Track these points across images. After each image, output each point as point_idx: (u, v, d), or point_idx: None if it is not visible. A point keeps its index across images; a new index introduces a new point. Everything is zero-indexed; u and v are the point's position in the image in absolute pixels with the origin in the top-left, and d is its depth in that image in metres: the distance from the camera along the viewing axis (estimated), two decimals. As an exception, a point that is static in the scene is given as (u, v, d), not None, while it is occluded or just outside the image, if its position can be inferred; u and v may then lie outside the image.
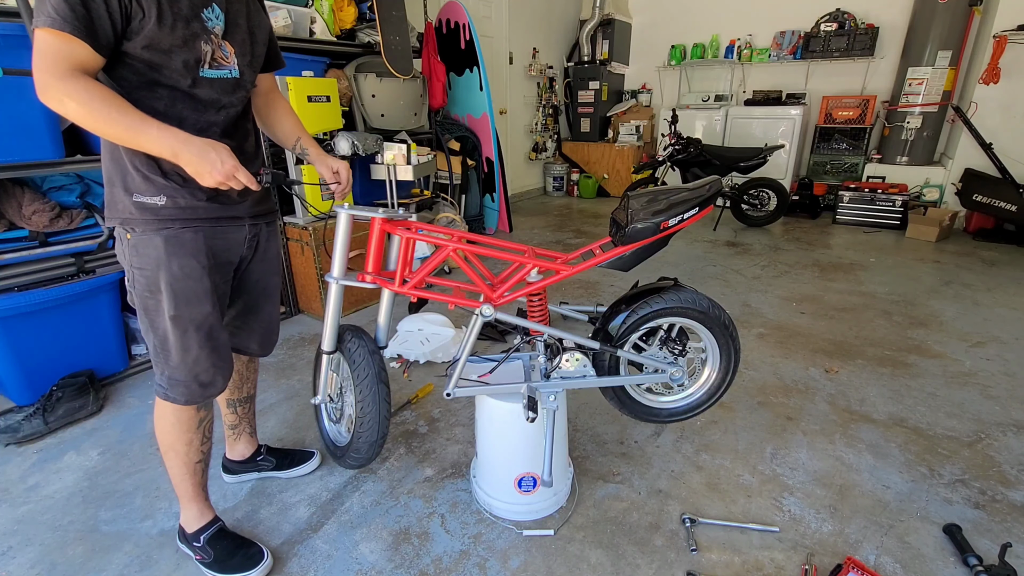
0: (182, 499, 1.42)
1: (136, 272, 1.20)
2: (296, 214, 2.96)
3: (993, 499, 1.62)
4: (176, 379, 1.27)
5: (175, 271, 1.19)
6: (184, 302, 1.21)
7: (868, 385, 2.26)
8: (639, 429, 1.98)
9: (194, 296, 1.22)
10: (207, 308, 1.25)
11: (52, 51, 0.97)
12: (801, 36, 5.52)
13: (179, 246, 1.19)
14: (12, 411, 2.02)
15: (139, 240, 1.18)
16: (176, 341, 1.23)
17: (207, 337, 1.26)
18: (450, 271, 3.76)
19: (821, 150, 5.53)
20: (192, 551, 1.42)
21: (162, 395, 1.29)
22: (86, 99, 0.98)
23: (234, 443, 1.72)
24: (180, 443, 1.35)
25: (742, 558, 1.42)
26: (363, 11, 3.28)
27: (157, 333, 1.24)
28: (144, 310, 1.23)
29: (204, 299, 1.24)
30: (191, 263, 1.21)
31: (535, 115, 6.46)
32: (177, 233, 1.19)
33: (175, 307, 1.20)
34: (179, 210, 1.19)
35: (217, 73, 1.17)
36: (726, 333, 1.56)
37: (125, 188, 1.17)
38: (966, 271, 3.69)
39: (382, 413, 1.51)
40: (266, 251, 1.43)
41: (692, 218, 1.37)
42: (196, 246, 1.21)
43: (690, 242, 4.54)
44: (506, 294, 1.45)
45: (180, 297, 1.21)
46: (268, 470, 1.75)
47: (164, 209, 1.18)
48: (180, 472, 1.38)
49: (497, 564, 1.42)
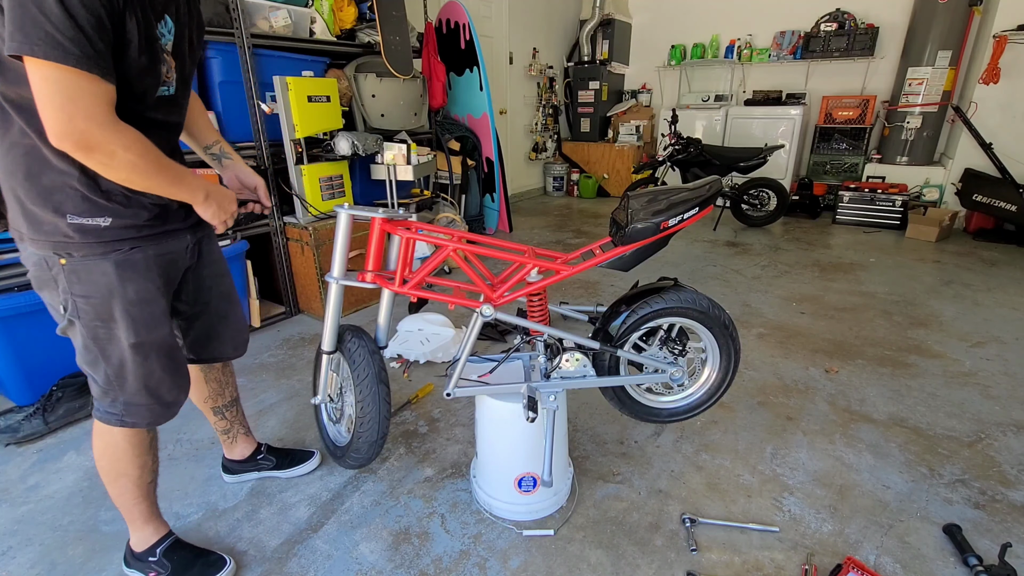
0: (134, 522, 1.34)
1: (79, 301, 1.08)
2: (296, 214, 2.96)
3: (993, 499, 1.62)
4: (135, 403, 1.19)
5: (131, 296, 1.11)
6: (145, 327, 1.14)
7: (868, 385, 2.26)
8: (639, 429, 1.98)
9: (154, 320, 1.15)
10: (167, 329, 1.19)
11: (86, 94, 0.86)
12: (801, 36, 5.52)
13: (131, 269, 1.11)
14: (12, 411, 2.02)
15: (80, 266, 1.06)
16: (136, 368, 1.16)
17: (169, 358, 1.21)
18: (450, 271, 3.76)
19: (821, 150, 5.53)
20: (143, 571, 1.35)
21: (115, 422, 1.20)
22: (141, 150, 0.91)
23: (232, 445, 1.70)
24: (134, 468, 1.27)
25: (742, 558, 1.42)
26: (363, 11, 3.28)
27: (111, 362, 1.15)
28: (93, 339, 1.12)
29: (163, 321, 1.18)
30: (147, 286, 1.13)
31: (535, 115, 6.46)
32: (127, 256, 1.10)
33: (136, 334, 1.13)
34: (125, 230, 1.09)
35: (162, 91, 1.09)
36: (726, 333, 1.56)
37: (55, 209, 1.02)
38: (966, 271, 3.69)
39: (382, 413, 1.51)
40: (210, 253, 1.37)
41: (692, 218, 1.37)
42: (148, 267, 1.14)
43: (690, 242, 4.54)
44: (506, 294, 1.45)
45: (140, 323, 1.13)
46: (268, 469, 1.73)
47: (109, 230, 1.07)
48: (133, 497, 1.30)
49: (497, 564, 1.42)
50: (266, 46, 2.74)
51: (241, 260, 2.71)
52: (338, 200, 3.02)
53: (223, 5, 2.49)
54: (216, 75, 2.55)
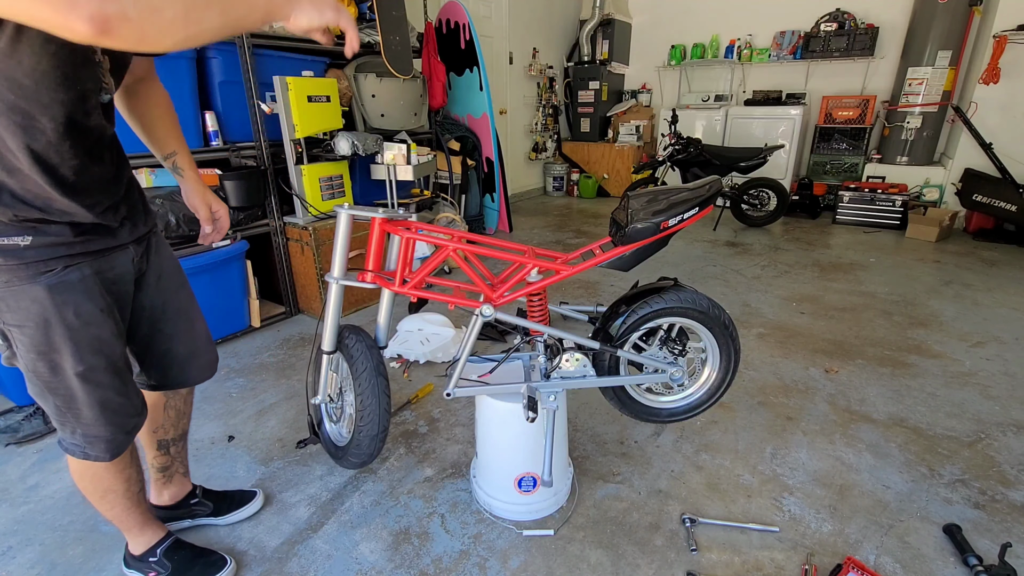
0: (131, 531, 1.29)
1: (14, 331, 0.98)
2: (296, 214, 2.96)
3: (993, 499, 1.62)
4: (94, 436, 1.09)
5: (72, 321, 0.99)
6: (92, 353, 1.02)
7: (868, 385, 2.26)
8: (639, 429, 1.98)
9: (101, 343, 1.04)
10: (118, 350, 1.08)
11: None
12: (801, 36, 5.52)
13: (68, 291, 0.98)
14: (12, 411, 2.02)
15: (5, 293, 0.94)
16: (87, 397, 1.05)
17: (123, 381, 1.11)
18: (450, 271, 3.77)
19: (821, 150, 5.53)
20: (142, 571, 1.32)
21: (79, 455, 1.11)
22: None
23: (163, 487, 1.48)
24: (119, 482, 1.20)
25: (742, 558, 1.42)
26: (363, 11, 3.28)
27: (58, 394, 1.04)
28: (34, 373, 1.02)
29: (112, 342, 1.06)
30: (88, 307, 1.01)
31: (535, 115, 6.46)
32: (61, 277, 0.97)
33: (82, 360, 1.02)
34: (52, 248, 0.95)
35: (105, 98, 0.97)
36: (726, 333, 1.56)
37: None
38: (966, 271, 3.69)
39: (382, 405, 1.51)
40: (161, 265, 1.22)
41: (692, 218, 1.37)
42: (87, 286, 1.00)
43: (690, 242, 4.54)
44: (506, 294, 1.45)
45: (86, 348, 1.02)
46: (204, 516, 1.54)
47: (31, 250, 0.93)
48: (124, 508, 1.24)
49: (497, 564, 1.42)
50: (266, 46, 2.74)
51: (241, 260, 2.71)
52: (338, 200, 3.02)
53: (223, 5, 2.48)
54: (216, 75, 2.56)
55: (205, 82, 2.57)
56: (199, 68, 2.50)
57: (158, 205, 2.31)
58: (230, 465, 1.83)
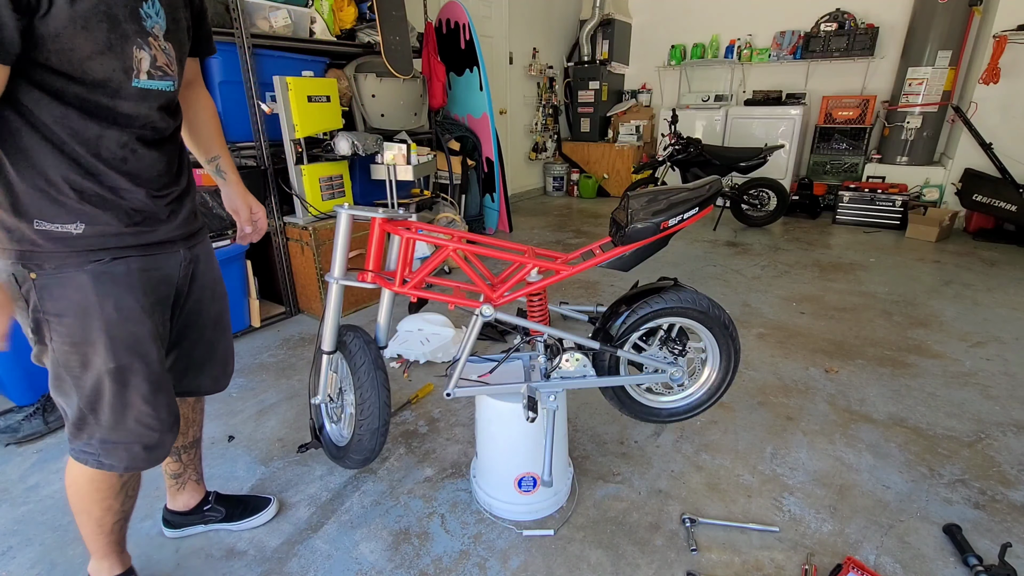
0: (94, 553, 1.23)
1: (52, 321, 0.96)
2: (296, 214, 2.96)
3: (993, 499, 1.62)
4: (113, 442, 1.04)
5: (111, 314, 0.98)
6: (126, 350, 1.01)
7: (868, 385, 2.26)
8: (639, 429, 1.98)
9: (137, 342, 1.02)
10: (153, 354, 1.05)
11: None
12: (801, 36, 5.52)
13: (112, 283, 0.98)
14: (12, 411, 2.02)
15: (51, 280, 0.94)
16: (114, 398, 1.02)
17: (154, 389, 1.06)
18: (450, 271, 3.77)
19: (821, 150, 5.53)
20: None
21: (93, 463, 1.06)
22: None
23: (177, 493, 1.49)
24: (97, 509, 1.15)
25: (742, 558, 1.42)
26: (363, 11, 3.28)
27: (83, 392, 1.01)
28: (65, 367, 1.00)
29: (149, 345, 1.04)
30: (129, 302, 1.00)
31: (535, 115, 6.46)
32: (107, 268, 0.97)
33: (115, 357, 0.99)
34: (102, 239, 0.96)
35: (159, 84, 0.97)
36: (726, 333, 1.56)
37: (16, 211, 0.90)
38: (966, 271, 3.69)
39: (382, 398, 1.51)
40: (206, 275, 1.23)
41: (692, 218, 1.37)
42: (130, 281, 1.00)
43: (690, 242, 4.54)
44: (506, 294, 1.45)
45: (121, 344, 1.00)
46: (216, 521, 1.53)
47: (83, 239, 0.94)
48: (93, 532, 1.19)
49: (497, 564, 1.42)
50: (266, 46, 2.75)
51: (241, 260, 2.71)
52: (338, 200, 3.02)
53: (223, 5, 2.49)
54: (216, 75, 2.56)
55: (205, 82, 2.56)
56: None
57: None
58: (230, 465, 1.83)
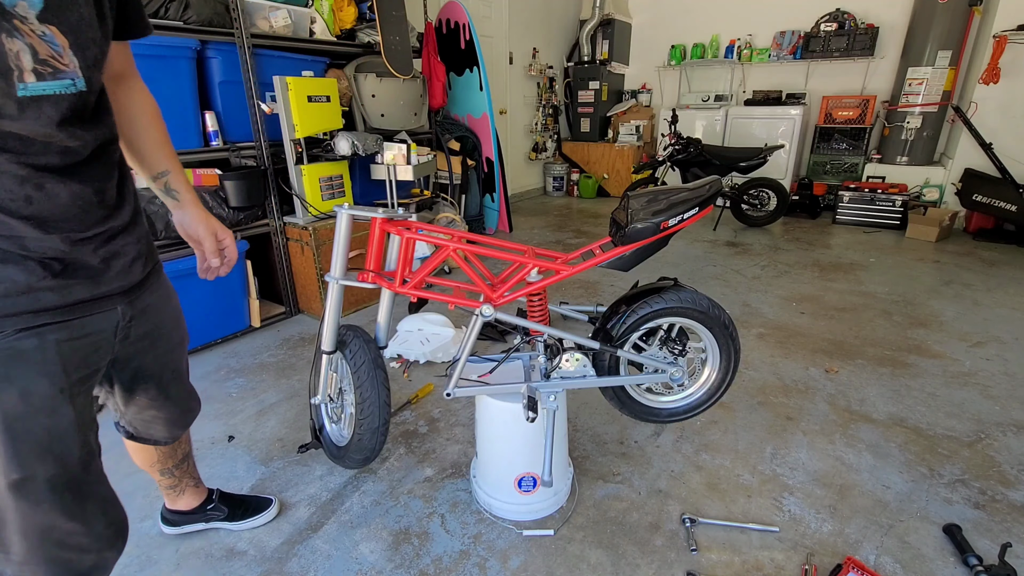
0: None
1: None
2: (296, 214, 2.96)
3: (993, 499, 1.62)
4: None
5: (14, 407, 0.73)
6: (35, 455, 0.75)
7: (868, 385, 2.26)
8: (639, 429, 1.98)
9: (51, 440, 0.77)
10: (75, 451, 0.79)
11: None
12: (801, 36, 5.52)
13: (17, 364, 0.73)
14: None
15: None
16: (21, 520, 0.75)
17: (79, 498, 0.80)
18: (450, 271, 3.77)
19: (821, 150, 5.53)
20: None
21: None
22: None
23: (177, 498, 1.46)
24: None
25: (742, 558, 1.42)
26: (363, 11, 3.28)
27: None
28: None
29: (70, 438, 0.79)
30: (41, 388, 0.75)
31: (535, 115, 6.46)
32: (11, 343, 0.72)
33: (20, 466, 0.74)
34: (8, 300, 0.71)
35: (52, 87, 0.69)
36: (726, 333, 1.56)
37: None
38: (966, 271, 3.69)
39: (382, 397, 1.51)
40: (159, 323, 0.98)
41: (692, 218, 1.37)
42: (45, 358, 0.75)
43: (690, 242, 4.54)
44: (506, 294, 1.45)
45: (27, 448, 0.75)
46: (218, 520, 1.52)
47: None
48: None
49: (497, 564, 1.42)
50: (266, 46, 2.74)
51: (241, 260, 2.71)
52: (338, 200, 3.02)
53: (223, 5, 2.49)
54: (216, 75, 2.56)
55: (205, 82, 2.57)
56: (199, 68, 2.50)
57: (158, 205, 2.31)
58: (230, 465, 1.83)
